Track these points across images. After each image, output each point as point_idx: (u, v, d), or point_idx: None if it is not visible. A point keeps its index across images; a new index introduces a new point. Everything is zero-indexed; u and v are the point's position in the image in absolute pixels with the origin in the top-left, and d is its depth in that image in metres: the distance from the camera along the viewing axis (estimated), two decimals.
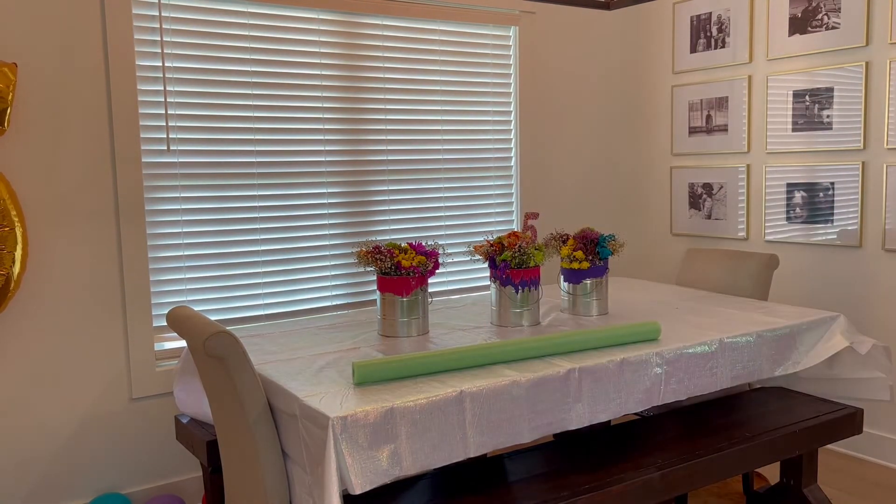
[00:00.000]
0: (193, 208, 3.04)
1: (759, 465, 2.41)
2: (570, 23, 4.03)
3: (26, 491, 2.75)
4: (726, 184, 3.85)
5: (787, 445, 2.47)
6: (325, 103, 3.31)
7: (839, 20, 3.31)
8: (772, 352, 2.51)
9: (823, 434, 2.57)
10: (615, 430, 2.51)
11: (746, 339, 2.44)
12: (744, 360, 2.45)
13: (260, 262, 3.21)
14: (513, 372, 2.06)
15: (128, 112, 2.83)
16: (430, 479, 2.13)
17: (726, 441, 2.37)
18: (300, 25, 3.22)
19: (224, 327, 1.97)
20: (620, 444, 2.40)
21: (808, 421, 2.56)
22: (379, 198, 3.49)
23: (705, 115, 3.92)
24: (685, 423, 2.56)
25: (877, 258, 3.28)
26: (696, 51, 3.95)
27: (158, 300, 2.98)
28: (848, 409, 2.68)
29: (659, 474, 2.17)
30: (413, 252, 2.57)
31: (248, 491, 2.06)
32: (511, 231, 2.82)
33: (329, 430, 1.73)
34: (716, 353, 2.38)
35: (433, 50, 3.59)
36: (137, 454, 2.96)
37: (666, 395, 2.29)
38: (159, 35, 2.91)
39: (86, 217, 2.79)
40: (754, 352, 2.46)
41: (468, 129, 3.74)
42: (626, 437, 2.44)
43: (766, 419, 2.57)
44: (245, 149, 3.13)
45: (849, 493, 3.06)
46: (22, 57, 2.64)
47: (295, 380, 2.03)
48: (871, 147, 3.26)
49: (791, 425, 2.51)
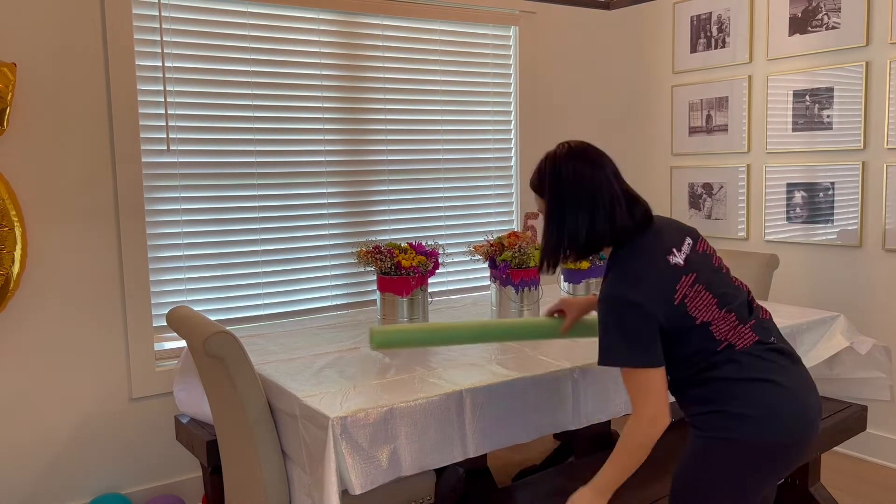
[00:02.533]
0: (193, 208, 3.03)
1: None
2: (570, 23, 4.03)
3: (26, 491, 2.75)
4: (726, 184, 3.85)
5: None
6: (325, 103, 3.31)
7: (839, 20, 3.31)
8: None
9: (836, 433, 2.58)
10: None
11: None
12: None
13: (260, 262, 3.21)
14: (512, 371, 2.06)
15: (128, 112, 2.83)
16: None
17: None
18: (300, 25, 3.22)
19: (224, 327, 1.96)
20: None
21: (824, 421, 2.56)
22: (379, 198, 3.49)
23: (705, 115, 3.92)
24: None
25: (877, 258, 3.28)
26: (696, 51, 3.95)
27: (158, 300, 2.98)
28: (854, 407, 2.69)
29: None
30: (413, 252, 2.57)
31: (248, 491, 2.06)
32: (511, 231, 2.82)
33: (329, 430, 1.73)
34: None
35: (433, 50, 3.59)
36: (137, 454, 2.96)
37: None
38: (159, 35, 2.90)
39: (85, 217, 2.79)
40: None
41: (468, 129, 3.73)
42: None
43: None
44: (245, 149, 3.13)
45: (849, 493, 3.06)
46: (22, 57, 2.64)
47: (295, 380, 2.03)
48: (871, 147, 3.26)
49: None
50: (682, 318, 1.65)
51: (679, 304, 1.65)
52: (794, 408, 1.64)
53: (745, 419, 1.61)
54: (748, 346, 1.67)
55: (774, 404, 1.62)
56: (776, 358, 1.68)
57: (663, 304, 1.64)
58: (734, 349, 1.66)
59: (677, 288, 1.65)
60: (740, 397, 1.63)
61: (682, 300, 1.65)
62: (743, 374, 1.64)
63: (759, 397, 1.62)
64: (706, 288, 1.68)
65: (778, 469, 1.65)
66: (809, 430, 1.65)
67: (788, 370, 1.68)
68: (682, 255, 1.70)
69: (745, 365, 1.65)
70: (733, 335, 1.67)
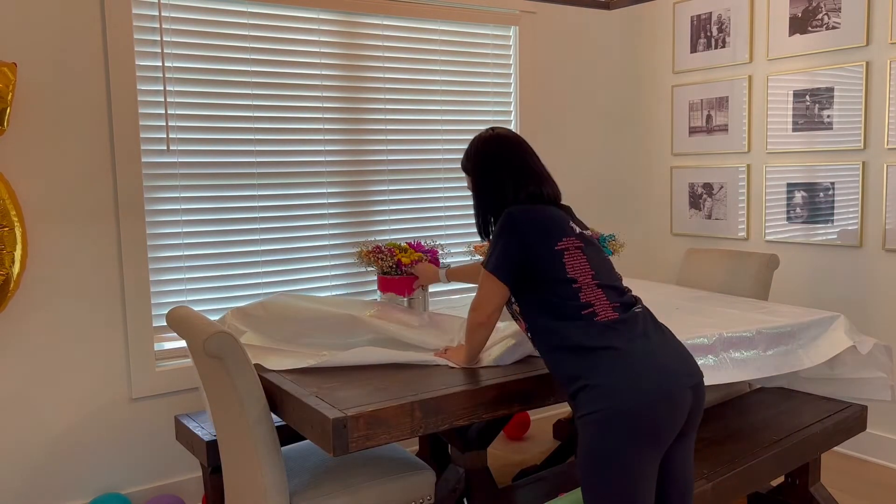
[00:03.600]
0: (193, 208, 3.03)
1: (791, 468, 2.39)
2: (570, 23, 4.03)
3: (26, 491, 2.75)
4: (726, 184, 3.85)
5: (812, 447, 2.46)
6: (325, 103, 3.31)
7: (839, 20, 3.31)
8: None
9: (836, 433, 2.58)
10: None
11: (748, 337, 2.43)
12: None
13: (260, 263, 3.21)
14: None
15: (128, 112, 2.83)
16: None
17: (761, 447, 2.35)
18: (300, 25, 3.22)
19: (224, 327, 1.96)
20: None
21: (825, 421, 2.56)
22: (379, 198, 3.49)
23: (705, 115, 3.92)
24: (709, 430, 2.54)
25: (877, 258, 3.28)
26: (696, 51, 3.95)
27: (158, 300, 2.98)
28: (854, 407, 2.69)
29: (710, 486, 2.15)
30: (412, 251, 2.57)
31: (248, 491, 2.06)
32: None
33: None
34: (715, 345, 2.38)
35: (433, 50, 3.59)
36: (137, 454, 2.96)
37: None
38: (159, 35, 2.90)
39: (85, 217, 2.79)
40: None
41: (468, 129, 3.73)
42: None
43: (785, 421, 2.56)
44: (245, 149, 3.13)
45: (849, 493, 3.06)
46: (22, 57, 2.64)
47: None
48: (872, 147, 3.26)
49: (814, 424, 2.50)
50: (557, 264, 1.85)
51: (558, 252, 1.86)
52: (645, 373, 1.72)
53: (604, 390, 1.72)
54: (608, 319, 1.80)
55: (625, 371, 1.72)
56: (630, 328, 1.80)
57: (543, 241, 1.86)
58: (594, 318, 1.80)
59: (564, 238, 1.88)
60: (597, 367, 1.74)
61: (563, 251, 1.86)
62: (594, 342, 1.76)
63: (607, 366, 1.74)
64: (588, 259, 1.88)
65: (653, 430, 1.71)
66: (669, 390, 1.72)
67: (638, 339, 1.78)
68: (578, 227, 1.95)
69: (599, 335, 1.77)
70: (599, 306, 1.82)
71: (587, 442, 1.73)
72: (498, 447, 3.64)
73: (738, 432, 2.50)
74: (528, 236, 1.87)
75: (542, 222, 1.89)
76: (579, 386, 1.75)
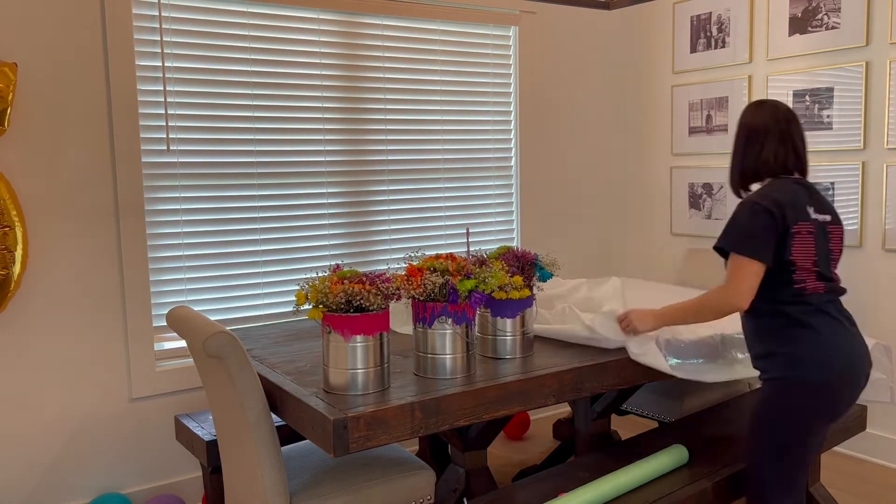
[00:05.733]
0: (193, 208, 3.03)
1: None
2: (570, 23, 4.03)
3: (27, 490, 2.75)
4: (726, 184, 3.85)
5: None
6: (325, 103, 3.31)
7: (839, 20, 3.31)
8: None
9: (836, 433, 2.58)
10: (643, 440, 2.49)
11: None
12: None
13: (260, 262, 3.21)
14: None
15: (128, 112, 2.83)
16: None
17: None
18: (300, 25, 3.22)
19: (224, 327, 1.96)
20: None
21: None
22: (379, 198, 3.49)
23: (705, 115, 3.92)
24: (709, 430, 2.54)
25: (877, 258, 3.28)
26: (696, 51, 3.95)
27: (158, 300, 2.98)
28: (854, 407, 2.69)
29: (710, 485, 2.15)
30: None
31: (248, 491, 2.06)
32: (438, 255, 2.19)
33: None
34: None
35: (433, 50, 3.59)
36: (137, 454, 2.96)
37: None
38: (159, 35, 2.90)
39: (86, 217, 2.79)
40: None
41: (468, 129, 3.73)
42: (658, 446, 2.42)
43: None
44: (245, 149, 3.13)
45: (849, 493, 3.06)
46: (22, 57, 2.64)
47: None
48: (871, 147, 3.26)
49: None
50: (783, 245, 1.96)
51: (789, 235, 1.95)
52: (836, 352, 1.94)
53: (800, 362, 1.93)
54: (819, 291, 1.97)
55: (825, 349, 1.93)
56: (830, 309, 1.98)
57: (781, 222, 1.96)
58: (803, 294, 1.97)
59: (801, 222, 1.97)
60: (797, 339, 1.94)
61: (795, 235, 1.96)
62: (801, 316, 1.95)
63: (809, 341, 1.94)
64: (815, 245, 1.99)
65: (834, 406, 1.96)
66: (853, 371, 1.96)
67: (835, 321, 1.98)
68: (819, 215, 2.03)
69: (805, 310, 1.96)
70: (810, 283, 1.98)
71: (771, 400, 1.97)
72: (498, 447, 3.64)
73: (739, 432, 2.50)
74: (770, 213, 1.95)
75: (782, 203, 1.97)
76: (770, 351, 1.98)
